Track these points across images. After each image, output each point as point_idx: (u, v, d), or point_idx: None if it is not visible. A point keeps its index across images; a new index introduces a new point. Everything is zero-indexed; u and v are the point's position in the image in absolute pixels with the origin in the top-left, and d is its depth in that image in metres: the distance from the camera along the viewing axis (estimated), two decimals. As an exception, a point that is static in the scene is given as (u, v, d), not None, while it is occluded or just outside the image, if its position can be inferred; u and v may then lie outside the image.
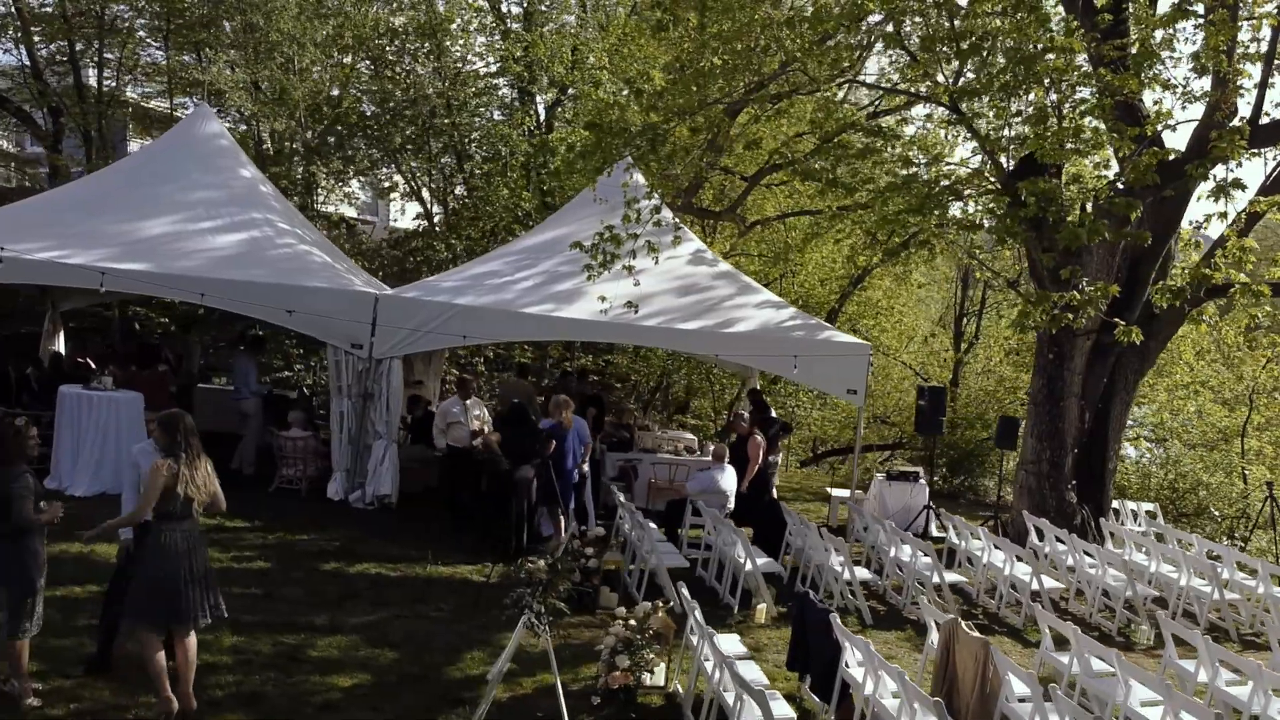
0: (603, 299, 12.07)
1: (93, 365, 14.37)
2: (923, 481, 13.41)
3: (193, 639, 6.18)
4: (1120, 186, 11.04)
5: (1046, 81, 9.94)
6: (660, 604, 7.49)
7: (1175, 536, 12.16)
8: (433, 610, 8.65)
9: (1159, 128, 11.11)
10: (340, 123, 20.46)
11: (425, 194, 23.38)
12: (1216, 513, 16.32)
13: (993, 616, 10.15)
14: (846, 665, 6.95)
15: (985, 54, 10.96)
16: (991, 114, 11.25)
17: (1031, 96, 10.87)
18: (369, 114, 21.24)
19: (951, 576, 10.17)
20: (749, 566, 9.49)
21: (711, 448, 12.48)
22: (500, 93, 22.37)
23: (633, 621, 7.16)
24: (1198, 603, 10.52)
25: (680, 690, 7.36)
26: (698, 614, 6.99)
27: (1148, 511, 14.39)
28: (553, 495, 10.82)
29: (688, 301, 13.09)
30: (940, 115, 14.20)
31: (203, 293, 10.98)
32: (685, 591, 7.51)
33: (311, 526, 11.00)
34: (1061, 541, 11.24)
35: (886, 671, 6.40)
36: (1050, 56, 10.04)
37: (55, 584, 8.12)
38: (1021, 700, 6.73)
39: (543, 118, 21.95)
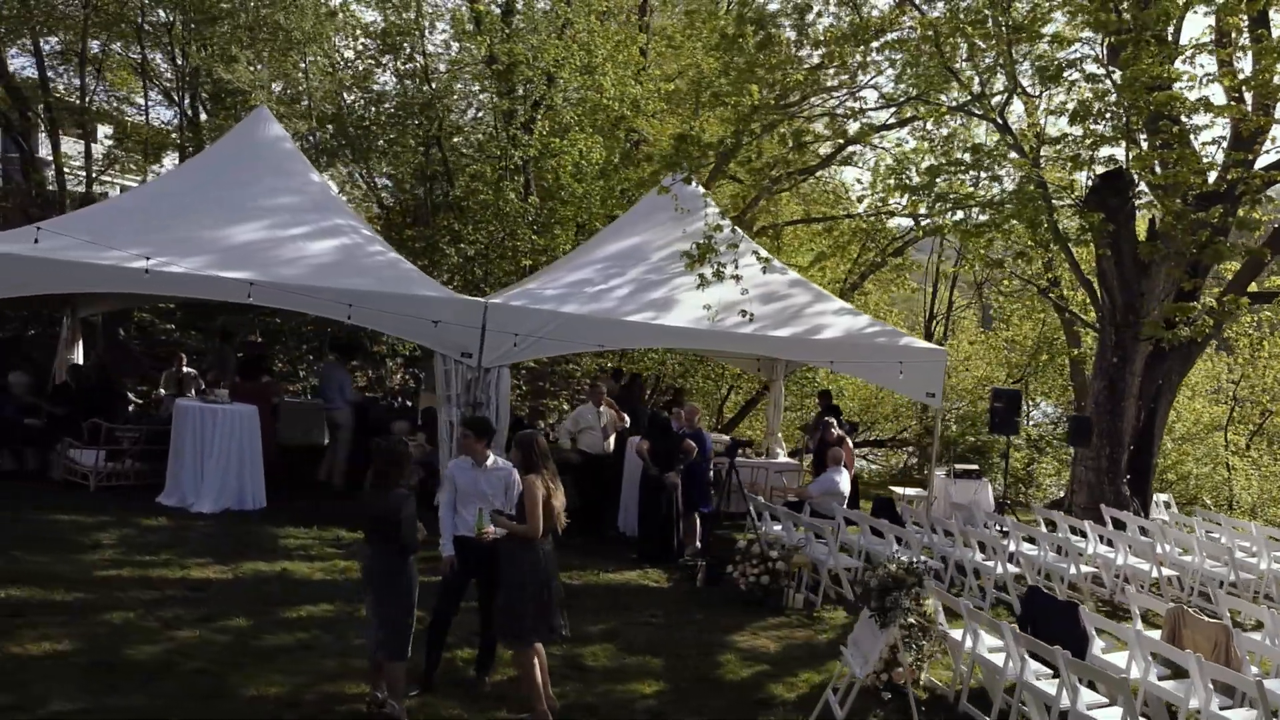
0: (708, 307, 12.44)
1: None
2: (985, 479, 14.19)
3: (542, 649, 6.34)
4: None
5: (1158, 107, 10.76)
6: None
7: (1231, 524, 13.26)
8: (648, 616, 8.85)
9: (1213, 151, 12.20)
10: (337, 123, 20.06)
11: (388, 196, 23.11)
12: (1208, 500, 17.75)
13: (1110, 603, 10.91)
14: (1097, 653, 7.54)
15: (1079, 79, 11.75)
16: (1078, 134, 12.02)
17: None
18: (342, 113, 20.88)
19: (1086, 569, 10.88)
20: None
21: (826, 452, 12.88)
22: (484, 96, 22.21)
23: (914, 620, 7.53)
24: (1276, 584, 11.58)
25: (938, 683, 7.80)
26: (969, 607, 7.43)
27: (1164, 501, 15.61)
28: (693, 500, 11.14)
29: (772, 309, 13.46)
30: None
31: (350, 304, 10.76)
32: (934, 585, 7.94)
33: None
34: (1146, 532, 12.15)
35: (1172, 657, 7.00)
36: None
37: (297, 604, 8.06)
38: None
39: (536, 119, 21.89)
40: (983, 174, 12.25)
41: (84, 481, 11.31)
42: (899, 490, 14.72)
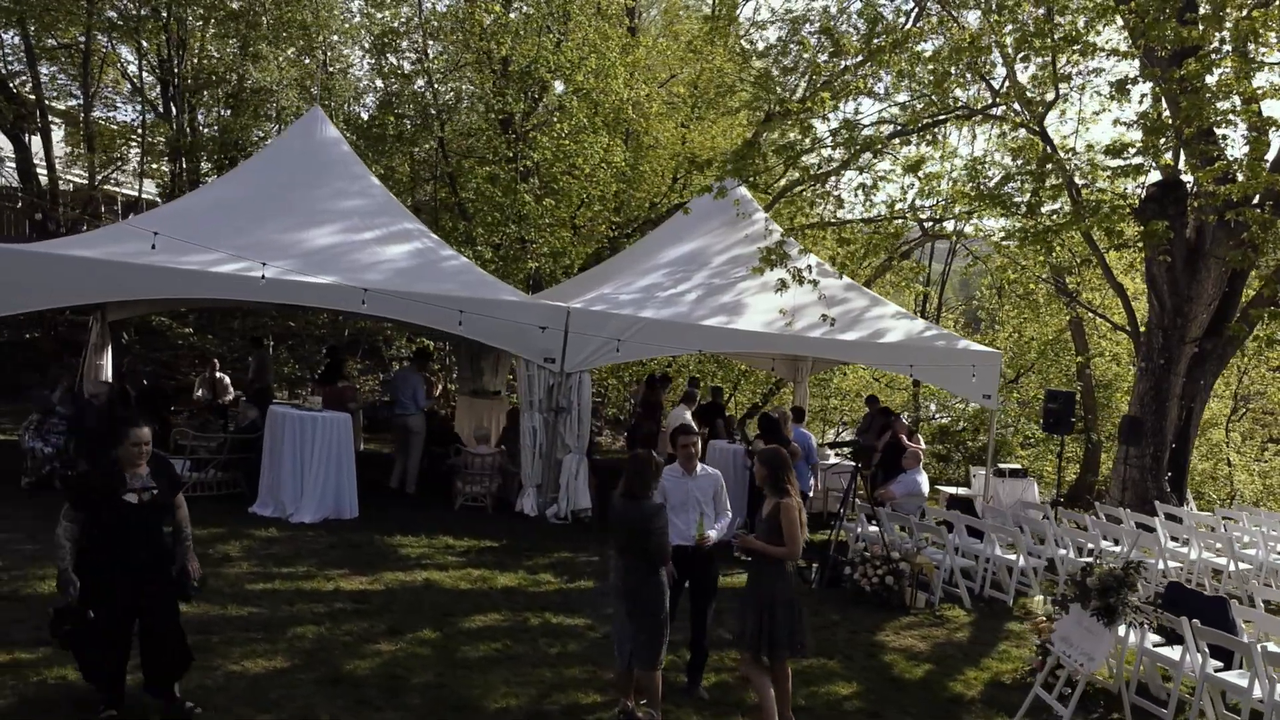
0: (783, 312, 12.64)
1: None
2: (1031, 478, 14.62)
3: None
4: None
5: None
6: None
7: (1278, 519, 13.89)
8: (790, 619, 8.95)
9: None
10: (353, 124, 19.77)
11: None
12: (1213, 495, 18.52)
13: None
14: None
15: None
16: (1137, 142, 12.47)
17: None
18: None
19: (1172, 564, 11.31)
20: (1021, 562, 10.30)
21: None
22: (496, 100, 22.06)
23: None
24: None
25: (1097, 677, 8.08)
26: (1135, 604, 7.71)
27: (1188, 497, 16.24)
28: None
29: (834, 313, 13.69)
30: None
31: (461, 310, 10.67)
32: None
33: (549, 545, 10.82)
34: (1210, 528, 12.67)
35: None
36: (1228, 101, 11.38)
37: (466, 614, 8.00)
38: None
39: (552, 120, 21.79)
40: (1048, 180, 12.57)
41: (169, 492, 10.98)
42: (948, 490, 15.05)
